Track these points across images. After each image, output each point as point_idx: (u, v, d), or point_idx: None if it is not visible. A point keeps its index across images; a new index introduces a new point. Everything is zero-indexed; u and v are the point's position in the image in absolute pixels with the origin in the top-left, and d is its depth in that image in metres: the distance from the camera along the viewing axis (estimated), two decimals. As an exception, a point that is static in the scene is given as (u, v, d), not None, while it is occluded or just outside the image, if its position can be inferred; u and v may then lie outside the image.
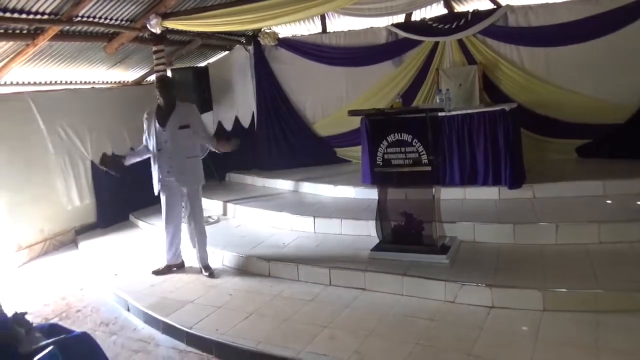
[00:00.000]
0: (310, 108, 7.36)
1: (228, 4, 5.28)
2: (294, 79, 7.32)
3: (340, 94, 7.12)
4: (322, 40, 7.16)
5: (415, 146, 4.00)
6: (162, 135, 4.13)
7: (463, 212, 4.65)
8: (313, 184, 6.14)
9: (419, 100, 6.54)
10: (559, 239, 3.96)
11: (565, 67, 5.90)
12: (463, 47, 6.38)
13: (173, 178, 4.19)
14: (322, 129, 7.30)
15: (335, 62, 7.06)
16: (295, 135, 7.36)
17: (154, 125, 4.15)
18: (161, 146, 4.15)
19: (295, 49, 7.23)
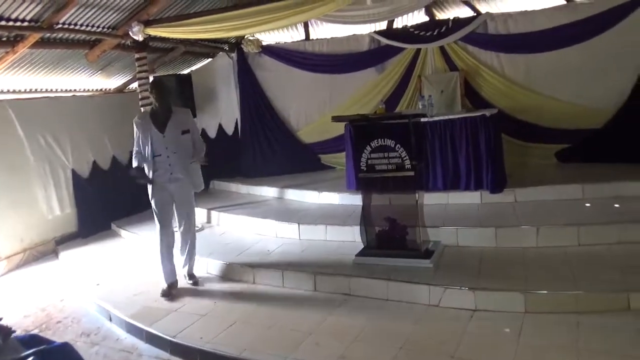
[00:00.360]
0: (294, 115, 7.40)
1: (211, 11, 5.31)
2: (277, 86, 7.36)
3: (323, 101, 7.17)
4: (306, 47, 7.21)
5: (399, 151, 4.04)
6: (162, 141, 3.95)
7: (446, 217, 4.70)
8: (298, 190, 6.16)
9: (402, 106, 6.62)
10: (539, 242, 4.04)
11: (544, 73, 6.03)
12: (445, 54, 6.48)
13: (174, 185, 4.02)
14: (306, 135, 7.34)
15: (319, 69, 7.11)
16: (280, 142, 7.38)
17: (150, 130, 3.94)
18: (160, 152, 3.95)
19: (278, 56, 7.27)
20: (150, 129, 3.94)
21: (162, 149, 3.96)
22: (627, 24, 5.55)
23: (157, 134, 3.94)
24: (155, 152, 3.95)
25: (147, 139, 3.94)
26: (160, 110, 3.97)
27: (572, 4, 5.91)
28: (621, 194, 4.68)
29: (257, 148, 7.37)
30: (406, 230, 4.07)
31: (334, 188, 5.96)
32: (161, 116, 3.97)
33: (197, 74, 7.48)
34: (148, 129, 3.95)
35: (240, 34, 6.45)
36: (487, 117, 5.04)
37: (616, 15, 5.58)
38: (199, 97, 7.21)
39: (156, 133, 3.94)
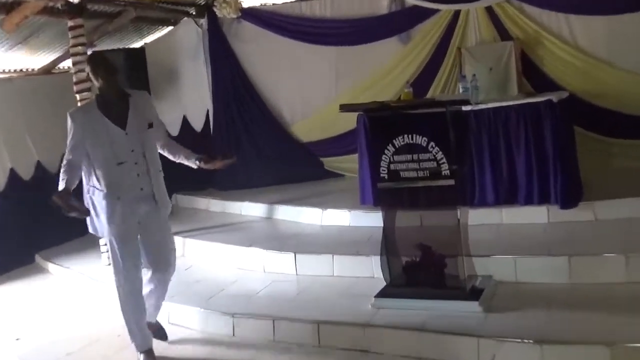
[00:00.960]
0: (288, 104, 7.45)
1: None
2: (264, 64, 7.42)
3: (328, 84, 7.23)
4: (302, 10, 7.28)
5: (433, 152, 4.05)
6: (125, 140, 3.68)
7: (500, 242, 4.70)
8: (293, 207, 6.18)
9: (435, 90, 6.68)
10: (631, 275, 4.01)
11: (633, 43, 6.03)
12: (493, 18, 6.53)
13: (144, 205, 3.76)
14: (304, 131, 7.39)
15: (321, 41, 7.16)
16: (267, 141, 7.41)
17: (103, 127, 3.66)
18: (124, 158, 3.68)
19: (265, 23, 7.33)
20: (105, 124, 3.66)
21: (127, 153, 3.69)
22: None
23: (117, 132, 3.67)
24: (116, 158, 3.67)
25: (100, 140, 3.64)
26: (112, 95, 3.73)
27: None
28: None
29: (236, 149, 7.32)
30: (444, 262, 4.06)
31: (343, 203, 5.97)
32: (116, 105, 3.72)
33: (153, 48, 7.53)
34: (100, 125, 3.65)
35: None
36: (555, 104, 5.05)
37: None
38: (155, 79, 7.24)
39: (115, 130, 3.67)
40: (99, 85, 3.72)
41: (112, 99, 3.74)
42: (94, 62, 3.78)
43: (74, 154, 3.67)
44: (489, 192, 5.31)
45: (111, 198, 3.67)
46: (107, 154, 3.67)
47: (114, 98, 3.74)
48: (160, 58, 7.51)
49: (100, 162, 3.68)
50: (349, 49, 7.10)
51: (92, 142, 3.66)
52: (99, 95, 3.77)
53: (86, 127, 3.68)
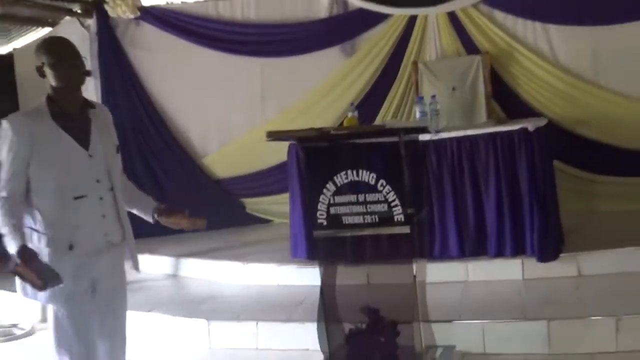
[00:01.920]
0: (199, 129, 7.54)
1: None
2: (170, 79, 7.50)
3: (251, 105, 7.37)
4: (219, 10, 7.42)
5: (383, 192, 4.14)
6: (87, 166, 3.26)
7: (465, 304, 4.84)
8: (206, 261, 6.22)
9: (386, 114, 6.92)
10: (620, 343, 4.21)
11: (622, 61, 6.42)
12: (457, 26, 6.83)
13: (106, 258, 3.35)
14: (219, 165, 7.49)
15: (242, 50, 7.30)
16: (173, 177, 7.40)
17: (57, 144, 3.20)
18: (85, 191, 3.24)
19: (170, 27, 7.43)
20: (61, 140, 3.21)
21: (89, 184, 3.27)
22: None
23: (78, 152, 3.25)
24: (75, 189, 3.22)
25: (53, 161, 3.17)
26: (71, 100, 3.30)
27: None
28: None
29: (132, 187, 7.36)
30: (396, 330, 4.14)
31: (269, 256, 6.04)
32: (76, 113, 3.31)
33: (25, 55, 7.46)
34: (54, 140, 3.19)
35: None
36: (531, 133, 5.28)
37: None
38: (27, 92, 7.19)
39: (75, 149, 3.24)
40: (51, 83, 3.23)
41: (70, 104, 3.28)
42: (40, 49, 3.27)
43: (14, 181, 3.13)
44: (452, 242, 5.48)
45: (59, 247, 3.16)
46: (62, 181, 3.16)
47: (72, 104, 3.29)
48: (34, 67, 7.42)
49: (47, 194, 3.17)
50: (279, 61, 7.25)
51: (40, 163, 3.14)
52: (51, 98, 3.25)
53: (35, 141, 3.13)
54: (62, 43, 3.35)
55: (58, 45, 3.32)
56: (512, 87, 6.72)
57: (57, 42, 3.37)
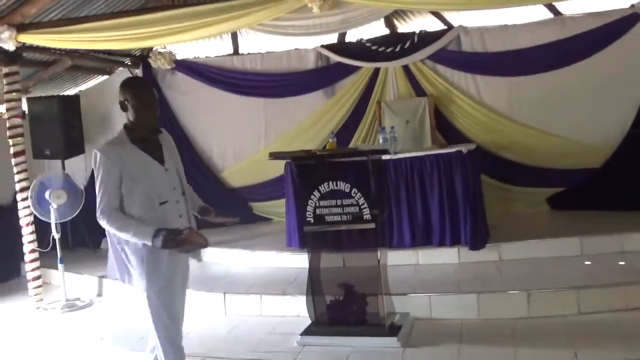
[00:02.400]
0: (219, 151, 7.47)
1: (109, 15, 5.37)
2: (196, 113, 7.45)
3: (257, 133, 7.33)
4: (234, 63, 7.39)
5: (355, 198, 4.16)
6: (165, 177, 3.11)
7: (416, 281, 4.84)
8: (223, 249, 6.14)
9: (357, 140, 6.89)
10: (532, 311, 4.22)
11: (531, 101, 6.49)
12: (409, 75, 6.85)
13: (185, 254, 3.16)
14: (233, 177, 7.42)
15: (251, 92, 7.27)
16: (199, 186, 7.31)
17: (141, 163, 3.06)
18: (166, 197, 3.08)
19: (198, 75, 7.39)
20: (143, 159, 3.07)
21: (169, 191, 3.12)
22: (626, 42, 6.12)
23: (157, 167, 3.09)
24: (160, 197, 3.06)
25: (140, 177, 3.03)
26: (145, 129, 3.11)
27: (560, 18, 6.48)
28: (626, 248, 5.02)
29: (168, 194, 7.32)
30: (365, 300, 4.14)
31: (271, 246, 6.01)
32: (151, 138, 3.15)
33: (88, 96, 7.44)
34: (138, 160, 3.06)
35: (147, 44, 6.51)
36: (464, 154, 5.31)
37: (612, 31, 6.16)
38: (89, 126, 7.16)
39: (155, 165, 3.09)
40: (131, 117, 3.07)
41: (145, 132, 3.11)
42: (124, 88, 3.10)
43: (112, 200, 2.97)
44: (406, 234, 5.48)
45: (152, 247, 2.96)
46: (150, 192, 3.02)
47: (147, 131, 3.12)
48: (95, 105, 7.40)
49: (139, 204, 3.00)
50: (278, 101, 7.23)
51: (130, 181, 3.00)
52: (129, 128, 3.09)
53: (124, 164, 2.98)
54: (146, 88, 3.15)
55: (143, 89, 3.13)
56: (450, 121, 6.73)
57: (143, 86, 3.19)
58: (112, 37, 5.33)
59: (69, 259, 6.07)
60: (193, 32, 5.42)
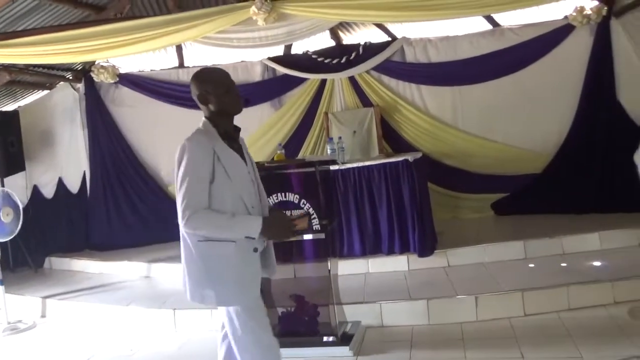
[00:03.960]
0: (166, 165, 7.35)
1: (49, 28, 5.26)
2: (142, 127, 7.36)
3: (205, 146, 7.25)
4: (179, 76, 7.33)
5: (304, 208, 4.17)
6: (248, 179, 2.78)
7: (367, 290, 4.88)
8: (172, 265, 6.02)
9: (305, 151, 6.94)
10: (480, 314, 4.32)
11: (473, 110, 6.69)
12: (356, 86, 6.95)
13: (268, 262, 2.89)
14: (181, 191, 7.31)
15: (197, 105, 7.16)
16: (146, 202, 7.27)
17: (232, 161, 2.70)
18: (252, 201, 2.74)
19: (143, 88, 7.32)
20: (233, 157, 2.72)
21: (253, 195, 2.78)
22: (561, 51, 6.39)
23: (243, 167, 2.77)
24: (249, 200, 2.71)
25: (230, 176, 2.66)
26: (230, 122, 2.80)
27: (498, 29, 6.71)
28: (566, 250, 5.22)
29: (113, 210, 7.19)
30: (317, 311, 4.15)
31: (221, 260, 5.95)
32: (235, 135, 2.83)
33: (27, 112, 7.23)
34: (229, 157, 2.69)
35: (89, 58, 6.41)
36: (411, 163, 5.38)
37: (548, 41, 6.43)
38: (29, 142, 6.97)
39: (241, 164, 2.76)
40: (214, 107, 2.74)
41: (229, 127, 2.78)
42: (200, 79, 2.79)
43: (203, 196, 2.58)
44: (356, 244, 5.51)
45: (248, 252, 2.64)
46: (241, 193, 2.68)
47: (230, 126, 2.79)
48: (35, 122, 7.21)
49: (231, 205, 2.63)
50: (225, 114, 7.21)
51: (224, 178, 2.64)
52: (214, 122, 2.75)
53: (215, 158, 2.63)
54: (226, 74, 2.81)
55: (223, 76, 2.78)
56: (397, 130, 6.84)
57: (221, 73, 2.82)
58: (52, 51, 5.23)
59: (10, 279, 5.89)
60: (136, 45, 5.37)
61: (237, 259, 2.61)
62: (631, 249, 5.17)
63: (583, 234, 5.34)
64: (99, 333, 5.03)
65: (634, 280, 4.34)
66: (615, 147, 5.83)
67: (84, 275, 6.54)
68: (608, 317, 4.09)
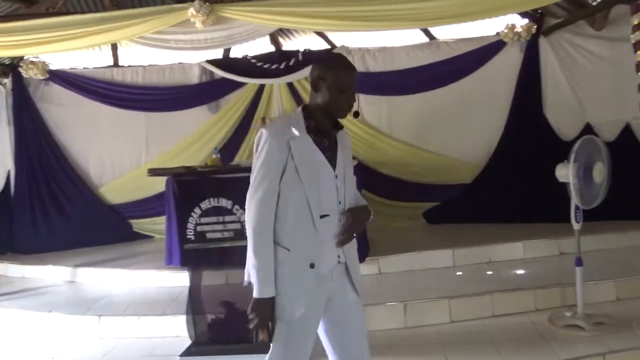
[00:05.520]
0: (96, 166, 7.21)
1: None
2: (72, 126, 7.16)
3: (137, 148, 7.15)
4: (113, 75, 7.19)
5: (237, 214, 4.15)
6: (332, 186, 2.44)
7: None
8: (98, 269, 5.91)
9: (242, 156, 6.88)
10: (408, 321, 4.39)
11: (408, 119, 6.86)
12: (294, 93, 7.00)
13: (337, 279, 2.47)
14: (112, 194, 7.17)
15: (132, 106, 7.09)
16: (74, 204, 7.06)
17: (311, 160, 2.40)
18: (329, 210, 2.42)
19: (74, 86, 7.12)
20: (315, 157, 2.42)
21: (333, 203, 2.44)
22: (493, 66, 6.64)
23: (327, 171, 2.44)
24: (322, 208, 2.41)
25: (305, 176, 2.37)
26: (338, 116, 2.50)
27: (434, 42, 6.91)
28: (492, 258, 5.40)
29: (39, 211, 6.95)
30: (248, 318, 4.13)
31: (150, 264, 5.83)
32: (328, 131, 2.49)
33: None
34: (308, 155, 2.40)
35: (16, 53, 6.16)
36: (346, 171, 5.43)
37: (481, 56, 6.67)
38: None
39: (326, 168, 2.44)
40: (320, 99, 2.44)
41: (326, 122, 2.48)
42: (325, 64, 2.47)
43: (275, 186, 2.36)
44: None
45: (302, 265, 2.38)
46: (310, 197, 2.37)
47: (328, 122, 2.48)
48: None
49: (293, 210, 2.39)
50: (160, 116, 7.12)
51: (294, 176, 2.37)
52: (309, 112, 2.46)
53: (290, 151, 2.36)
54: (353, 71, 2.48)
55: (349, 71, 2.45)
56: (333, 138, 6.90)
57: (349, 67, 2.47)
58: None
59: None
60: (68, 42, 5.22)
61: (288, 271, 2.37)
62: (552, 258, 5.43)
63: (508, 243, 5.53)
64: (18, 341, 4.83)
65: (554, 289, 4.53)
66: (541, 160, 6.03)
67: (5, 279, 6.28)
68: (530, 324, 4.24)
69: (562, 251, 5.46)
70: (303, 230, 2.36)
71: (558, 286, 4.53)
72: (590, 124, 6.30)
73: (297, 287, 2.35)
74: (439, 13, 4.95)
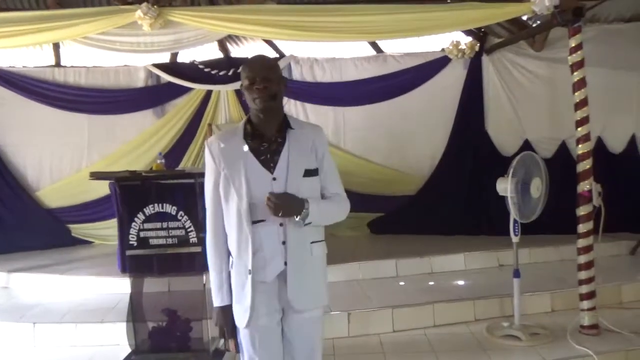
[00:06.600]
0: (34, 168, 6.99)
1: None
2: (9, 127, 6.92)
3: (79, 151, 6.98)
4: (55, 76, 7.00)
5: (182, 221, 4.10)
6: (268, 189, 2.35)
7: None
8: (34, 275, 5.72)
9: (187, 162, 6.84)
10: (351, 330, 4.43)
11: (353, 131, 6.96)
12: (241, 100, 6.94)
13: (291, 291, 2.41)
14: (50, 198, 6.96)
15: (73, 108, 6.91)
16: (8, 206, 6.82)
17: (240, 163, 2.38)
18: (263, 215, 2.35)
19: (13, 85, 6.88)
20: (244, 159, 2.39)
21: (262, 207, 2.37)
22: (438, 81, 6.82)
23: (260, 173, 2.39)
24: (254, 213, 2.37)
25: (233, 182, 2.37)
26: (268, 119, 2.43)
27: (382, 55, 7.03)
28: (434, 269, 5.54)
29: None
30: (190, 326, 4.07)
31: (90, 270, 5.71)
32: (270, 134, 2.44)
33: None
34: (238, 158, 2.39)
35: (-50, 49, 5.93)
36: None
37: (427, 70, 6.84)
38: None
39: (257, 170, 2.39)
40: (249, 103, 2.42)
41: (266, 125, 2.42)
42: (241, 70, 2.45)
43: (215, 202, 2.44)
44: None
45: (243, 272, 2.38)
46: (242, 205, 2.35)
47: (269, 125, 2.42)
48: None
49: (230, 217, 2.40)
50: (103, 118, 6.95)
51: (224, 183, 2.40)
52: (249, 119, 2.46)
53: (222, 161, 2.39)
54: (253, 65, 2.39)
55: (250, 66, 2.38)
56: (279, 147, 6.93)
57: (252, 63, 2.41)
58: None
59: None
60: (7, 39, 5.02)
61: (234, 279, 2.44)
62: (491, 270, 5.61)
63: (450, 255, 5.69)
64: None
65: (492, 299, 4.68)
66: (482, 174, 6.25)
67: None
68: (469, 333, 4.37)
69: (501, 263, 5.66)
70: (238, 237, 2.37)
71: (497, 297, 4.68)
72: (529, 140, 6.57)
73: (242, 295, 2.38)
74: (387, 27, 5.04)
